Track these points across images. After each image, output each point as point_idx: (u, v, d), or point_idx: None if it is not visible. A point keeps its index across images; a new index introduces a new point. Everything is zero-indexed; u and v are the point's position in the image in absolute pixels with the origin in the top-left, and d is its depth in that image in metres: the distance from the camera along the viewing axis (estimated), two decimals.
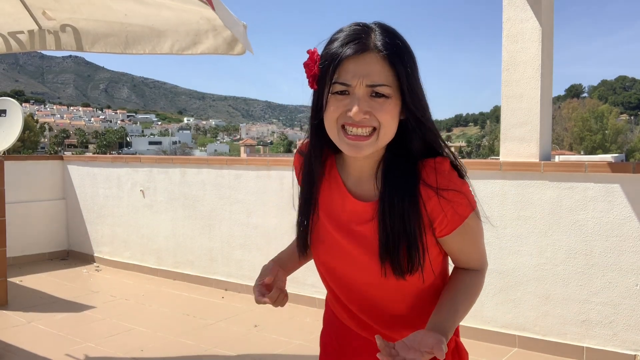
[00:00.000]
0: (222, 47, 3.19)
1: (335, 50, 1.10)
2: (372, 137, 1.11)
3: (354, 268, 1.23)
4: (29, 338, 3.89)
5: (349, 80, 1.09)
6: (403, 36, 1.14)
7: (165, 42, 3.23)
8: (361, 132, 1.11)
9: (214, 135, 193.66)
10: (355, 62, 1.09)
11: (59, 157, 6.83)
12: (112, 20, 3.26)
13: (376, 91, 1.09)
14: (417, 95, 1.13)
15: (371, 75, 1.08)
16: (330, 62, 1.10)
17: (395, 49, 1.10)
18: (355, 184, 1.23)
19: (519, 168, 3.65)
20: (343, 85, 1.10)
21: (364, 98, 1.09)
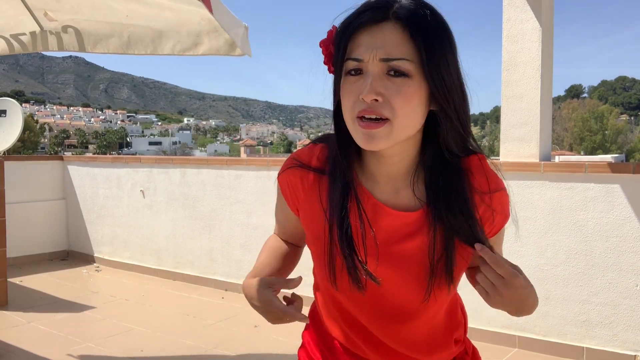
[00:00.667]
0: (224, 48, 3.19)
1: (348, 21, 0.93)
2: (385, 125, 0.90)
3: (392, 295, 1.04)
4: (29, 338, 3.89)
5: (361, 54, 0.90)
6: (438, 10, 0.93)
7: (166, 42, 3.23)
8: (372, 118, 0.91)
9: (214, 135, 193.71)
10: (370, 33, 0.90)
11: (59, 158, 6.83)
12: (114, 21, 3.26)
13: (393, 67, 0.89)
14: (444, 79, 0.91)
15: (386, 47, 0.89)
16: (342, 36, 0.93)
17: (420, 18, 0.89)
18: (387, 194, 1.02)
19: (519, 168, 3.65)
20: (355, 61, 0.91)
21: (378, 76, 0.90)
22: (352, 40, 0.92)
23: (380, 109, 0.90)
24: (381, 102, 0.90)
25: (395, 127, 0.91)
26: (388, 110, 0.90)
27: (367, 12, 0.91)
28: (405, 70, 0.89)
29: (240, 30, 2.97)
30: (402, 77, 0.90)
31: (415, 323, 1.08)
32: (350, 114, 0.93)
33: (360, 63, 0.91)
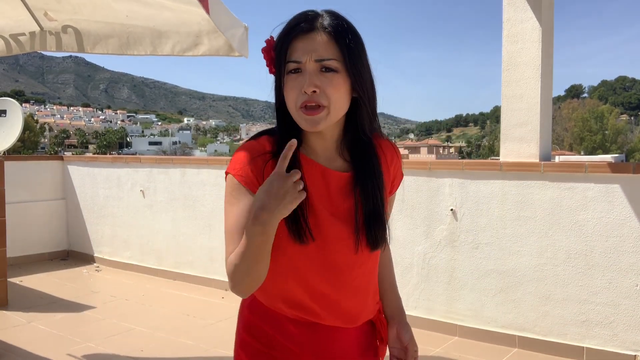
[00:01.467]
0: (224, 49, 3.19)
1: (284, 32, 1.19)
2: (324, 111, 1.16)
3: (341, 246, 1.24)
4: (29, 338, 3.89)
5: (299, 57, 1.16)
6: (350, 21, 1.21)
7: (166, 43, 3.23)
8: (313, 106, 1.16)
9: (214, 135, 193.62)
10: (304, 40, 1.16)
11: (59, 158, 6.83)
12: (114, 22, 3.26)
13: (325, 65, 1.16)
14: (361, 73, 1.20)
15: (319, 51, 1.15)
16: (282, 43, 1.18)
17: (340, 28, 1.18)
18: (327, 161, 1.27)
19: (519, 168, 3.65)
20: (295, 62, 1.16)
21: (314, 73, 1.16)
22: (290, 46, 1.17)
23: (318, 98, 1.15)
24: (318, 92, 1.15)
25: (331, 111, 1.17)
26: (325, 99, 1.16)
27: (300, 24, 1.17)
28: (334, 67, 1.16)
29: (239, 31, 2.96)
30: (332, 73, 1.16)
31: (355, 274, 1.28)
32: (294, 105, 1.17)
33: (299, 64, 1.16)
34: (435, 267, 3.99)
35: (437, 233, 3.97)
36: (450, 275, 3.93)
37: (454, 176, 3.90)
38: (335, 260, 1.24)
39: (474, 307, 3.84)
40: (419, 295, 4.01)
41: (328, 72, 1.16)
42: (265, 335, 1.31)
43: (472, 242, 3.83)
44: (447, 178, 3.92)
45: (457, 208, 3.88)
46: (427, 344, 3.66)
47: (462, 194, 3.86)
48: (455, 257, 3.91)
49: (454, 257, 3.91)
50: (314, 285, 1.25)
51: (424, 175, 4.00)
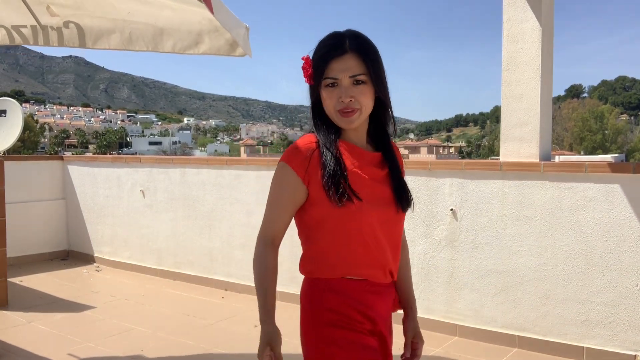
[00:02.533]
0: (224, 48, 3.19)
1: (322, 55, 1.53)
2: (357, 113, 1.53)
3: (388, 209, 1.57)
4: (29, 338, 3.89)
5: (336, 75, 1.50)
6: (368, 37, 1.57)
7: (167, 40, 3.24)
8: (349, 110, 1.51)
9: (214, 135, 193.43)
10: (338, 61, 1.51)
11: (59, 157, 6.83)
12: (115, 18, 3.27)
13: (356, 79, 1.50)
14: (382, 80, 1.56)
15: (351, 69, 1.50)
16: (320, 64, 1.52)
17: (364, 48, 1.53)
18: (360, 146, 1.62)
19: (519, 168, 3.65)
20: (332, 79, 1.51)
21: (348, 87, 1.51)
22: (328, 66, 1.51)
23: (353, 104, 1.52)
24: (353, 101, 1.51)
25: (362, 112, 1.54)
26: (357, 104, 1.52)
27: (334, 50, 1.51)
28: (363, 80, 1.52)
29: (241, 31, 2.97)
30: (362, 85, 1.52)
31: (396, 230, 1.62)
32: (333, 110, 1.53)
33: (335, 80, 1.51)
34: (435, 267, 3.99)
35: (437, 233, 3.97)
36: (450, 275, 3.93)
37: (454, 176, 3.90)
38: (386, 216, 1.56)
39: (474, 307, 3.84)
40: (418, 295, 4.01)
41: (359, 84, 1.51)
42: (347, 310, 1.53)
43: (472, 242, 3.83)
44: (447, 178, 3.92)
45: (457, 208, 3.88)
46: (427, 344, 3.65)
47: (462, 194, 3.86)
48: (455, 257, 3.90)
49: (454, 257, 3.91)
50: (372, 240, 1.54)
51: (424, 175, 4.00)
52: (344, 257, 1.54)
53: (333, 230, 1.52)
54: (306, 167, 1.52)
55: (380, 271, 1.57)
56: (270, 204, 1.60)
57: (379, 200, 1.55)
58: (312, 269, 1.57)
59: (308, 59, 1.55)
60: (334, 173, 1.50)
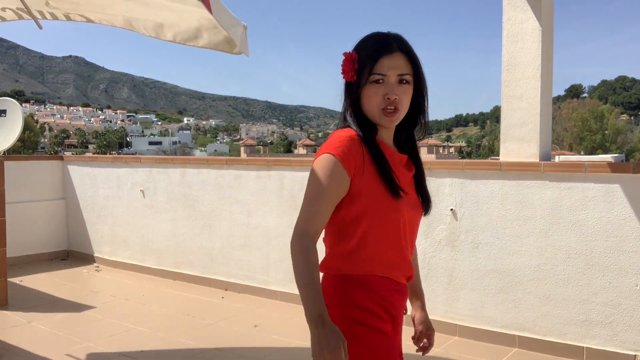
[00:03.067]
0: (222, 44, 3.20)
1: (372, 51, 1.54)
2: (397, 113, 1.55)
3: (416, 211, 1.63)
4: (29, 338, 3.89)
5: (385, 71, 1.52)
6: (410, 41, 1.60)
7: (168, 32, 3.26)
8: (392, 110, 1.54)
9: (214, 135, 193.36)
10: (388, 59, 1.53)
11: (59, 157, 6.83)
12: (114, 13, 3.28)
13: (403, 79, 1.54)
14: (425, 82, 1.60)
15: (400, 68, 1.53)
16: (369, 60, 1.53)
17: (411, 50, 1.57)
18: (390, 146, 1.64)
19: (519, 168, 3.65)
20: (380, 75, 1.52)
21: (395, 84, 1.53)
22: (378, 63, 1.52)
23: (397, 103, 1.54)
24: (397, 99, 1.53)
25: (401, 113, 1.57)
26: (400, 104, 1.55)
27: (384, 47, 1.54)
28: (409, 80, 1.55)
29: (239, 30, 2.97)
30: (406, 85, 1.55)
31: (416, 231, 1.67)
32: (377, 107, 1.54)
33: (383, 76, 1.53)
34: (435, 267, 3.98)
35: (437, 233, 3.97)
36: (450, 275, 3.93)
37: (454, 176, 3.90)
38: (413, 217, 1.61)
39: (474, 307, 3.84)
40: None
41: (403, 84, 1.54)
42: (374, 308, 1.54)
43: (472, 242, 3.83)
44: (447, 178, 3.92)
45: (457, 208, 3.88)
46: None
47: (462, 194, 3.86)
48: (455, 257, 3.90)
49: (454, 257, 3.91)
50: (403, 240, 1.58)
51: None
52: (378, 254, 1.54)
53: (371, 226, 1.52)
54: (353, 159, 1.49)
55: (402, 271, 1.60)
56: (314, 196, 1.49)
57: (409, 200, 1.59)
58: (341, 265, 1.54)
59: (353, 54, 1.55)
60: (389, 166, 1.54)
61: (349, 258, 1.53)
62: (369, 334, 1.51)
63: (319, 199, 1.48)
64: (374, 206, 1.51)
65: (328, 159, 1.49)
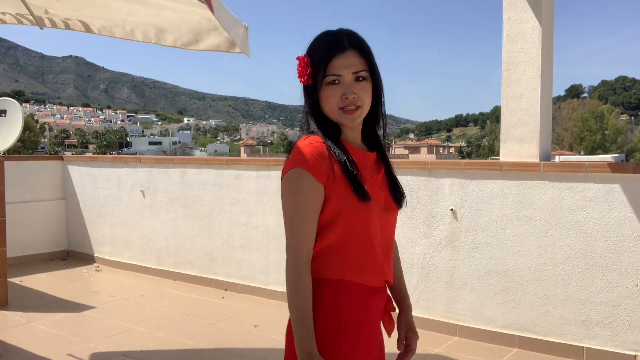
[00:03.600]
0: (224, 45, 3.20)
1: (323, 52, 1.50)
2: (359, 110, 1.52)
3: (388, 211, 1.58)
4: (29, 338, 3.89)
5: (339, 71, 1.49)
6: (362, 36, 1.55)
7: (168, 36, 3.26)
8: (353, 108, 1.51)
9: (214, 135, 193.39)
10: (340, 58, 1.49)
11: (59, 157, 6.83)
12: (115, 17, 3.28)
13: (359, 76, 1.50)
14: (379, 77, 1.57)
15: (354, 65, 1.50)
16: (322, 62, 1.49)
17: (363, 45, 1.53)
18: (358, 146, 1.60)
19: (519, 168, 3.65)
20: (334, 76, 1.49)
21: (351, 83, 1.50)
22: (330, 64, 1.49)
23: (356, 102, 1.50)
24: (356, 97, 1.50)
25: (363, 110, 1.53)
26: (360, 101, 1.51)
27: (335, 47, 1.50)
28: (365, 76, 1.52)
29: (240, 30, 2.97)
30: (363, 81, 1.52)
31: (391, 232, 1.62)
32: (335, 107, 1.51)
33: (338, 77, 1.49)
34: (435, 267, 3.98)
35: (437, 233, 3.97)
36: (450, 275, 3.93)
37: (454, 176, 3.90)
38: (385, 219, 1.56)
39: (474, 307, 3.84)
40: (419, 295, 4.01)
41: (361, 81, 1.50)
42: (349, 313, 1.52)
43: (472, 242, 3.83)
44: (447, 178, 3.92)
45: (457, 208, 3.88)
46: (427, 344, 3.66)
47: (462, 194, 3.86)
48: (455, 257, 3.90)
49: (454, 257, 3.91)
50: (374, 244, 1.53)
51: (424, 175, 4.00)
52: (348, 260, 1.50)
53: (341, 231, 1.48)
54: (322, 167, 1.45)
55: (376, 276, 1.55)
56: (299, 217, 1.46)
57: (379, 203, 1.54)
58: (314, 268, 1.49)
59: (305, 58, 1.52)
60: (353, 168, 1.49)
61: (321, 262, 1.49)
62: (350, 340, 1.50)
63: (304, 219, 1.46)
64: (343, 211, 1.47)
65: (299, 174, 1.44)
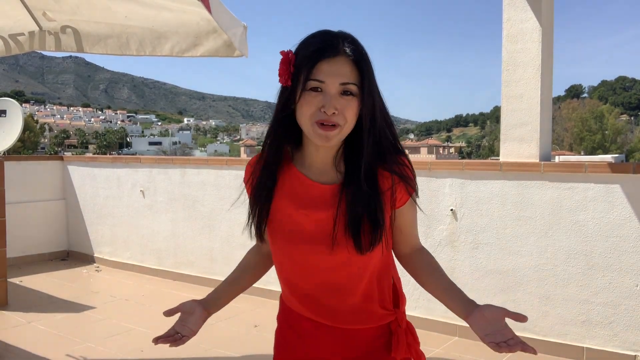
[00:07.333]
0: (222, 50, 3.19)
1: (311, 52, 1.25)
2: (337, 129, 1.25)
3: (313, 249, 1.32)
4: (29, 338, 3.89)
5: (323, 78, 1.23)
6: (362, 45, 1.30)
7: (165, 44, 3.23)
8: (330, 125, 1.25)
9: (214, 135, 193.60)
10: (329, 63, 1.24)
11: (59, 158, 6.83)
12: (113, 22, 3.26)
13: (346, 89, 1.24)
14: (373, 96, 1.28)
15: (343, 76, 1.24)
16: (306, 62, 1.25)
17: (359, 55, 1.26)
18: (318, 175, 1.35)
19: (519, 168, 3.65)
20: (317, 82, 1.23)
21: (335, 95, 1.24)
22: (316, 67, 1.24)
23: (335, 118, 1.24)
24: (337, 114, 1.23)
25: (344, 130, 1.26)
26: (341, 119, 1.24)
27: (326, 48, 1.24)
28: (354, 91, 1.25)
29: (239, 30, 2.97)
30: (349, 97, 1.24)
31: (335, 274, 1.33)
32: (309, 120, 1.25)
33: (321, 84, 1.23)
34: None
35: (437, 233, 3.97)
36: (450, 275, 3.90)
37: (454, 176, 3.90)
38: (309, 259, 1.32)
39: None
40: (419, 296, 4.01)
41: (347, 95, 1.24)
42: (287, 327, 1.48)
43: (472, 242, 3.83)
44: (447, 178, 3.92)
45: (457, 208, 3.88)
46: (427, 344, 3.66)
47: (462, 194, 3.86)
48: (455, 257, 3.90)
49: (454, 257, 3.91)
50: (293, 281, 1.39)
51: (424, 175, 4.00)
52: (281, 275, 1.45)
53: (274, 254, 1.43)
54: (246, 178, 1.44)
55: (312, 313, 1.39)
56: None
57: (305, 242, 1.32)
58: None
59: (290, 53, 1.28)
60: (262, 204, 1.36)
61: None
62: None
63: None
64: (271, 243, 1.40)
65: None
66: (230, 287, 1.57)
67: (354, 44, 1.27)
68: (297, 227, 1.33)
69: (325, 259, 1.31)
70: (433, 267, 1.47)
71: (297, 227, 1.33)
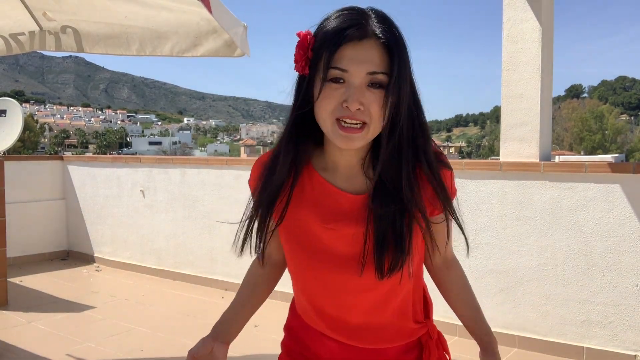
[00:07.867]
0: (223, 50, 3.19)
1: (332, 34, 1.02)
2: (364, 130, 1.04)
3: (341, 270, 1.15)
4: (29, 338, 3.89)
5: (347, 65, 1.01)
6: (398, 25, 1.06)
7: (165, 43, 3.23)
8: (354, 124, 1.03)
9: (214, 135, 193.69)
10: (354, 47, 1.01)
11: (59, 158, 6.83)
12: (113, 22, 3.26)
13: (374, 80, 1.02)
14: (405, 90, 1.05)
15: (371, 63, 1.01)
16: (326, 46, 1.02)
17: (394, 39, 1.03)
18: (344, 182, 1.14)
19: (519, 168, 3.65)
20: (340, 70, 1.02)
21: (360, 88, 1.02)
22: (338, 51, 1.01)
23: (360, 115, 1.02)
24: (362, 109, 1.02)
25: (371, 130, 1.05)
26: (367, 116, 1.03)
27: (350, 28, 1.01)
28: (383, 82, 1.02)
29: (239, 30, 2.97)
30: (378, 89, 1.03)
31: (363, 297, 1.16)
32: (330, 116, 1.04)
33: (345, 73, 1.02)
34: None
35: None
36: None
37: (454, 176, 3.89)
38: (335, 280, 1.16)
39: None
40: None
41: (375, 87, 1.03)
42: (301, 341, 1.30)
43: (472, 242, 3.83)
44: None
45: (457, 207, 3.88)
46: None
47: (462, 194, 3.86)
48: None
49: None
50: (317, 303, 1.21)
51: None
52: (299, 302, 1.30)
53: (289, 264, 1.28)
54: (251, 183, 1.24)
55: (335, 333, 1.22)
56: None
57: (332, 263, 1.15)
58: None
59: (308, 35, 1.05)
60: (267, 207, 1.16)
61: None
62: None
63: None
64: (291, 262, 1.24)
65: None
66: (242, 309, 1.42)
67: (387, 23, 1.04)
68: (321, 244, 1.14)
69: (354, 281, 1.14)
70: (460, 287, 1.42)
71: (322, 245, 1.14)
